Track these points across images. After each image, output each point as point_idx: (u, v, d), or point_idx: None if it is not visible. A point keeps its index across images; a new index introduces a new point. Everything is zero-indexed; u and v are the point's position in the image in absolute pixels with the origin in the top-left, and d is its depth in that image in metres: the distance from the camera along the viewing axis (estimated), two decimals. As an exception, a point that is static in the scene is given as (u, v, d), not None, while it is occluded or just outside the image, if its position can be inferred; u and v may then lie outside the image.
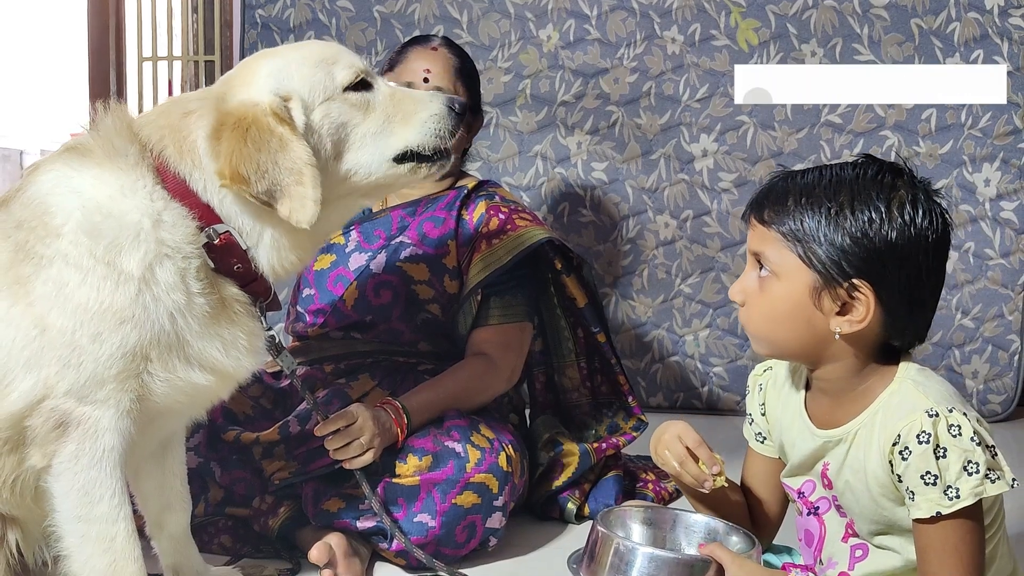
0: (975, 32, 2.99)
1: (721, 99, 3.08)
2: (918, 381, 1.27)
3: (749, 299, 1.32)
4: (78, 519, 1.34)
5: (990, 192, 3.01)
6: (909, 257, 1.24)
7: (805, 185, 1.28)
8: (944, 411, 1.21)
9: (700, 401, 3.13)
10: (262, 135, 1.34)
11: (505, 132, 3.14)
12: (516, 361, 2.04)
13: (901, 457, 1.22)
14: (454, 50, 2.11)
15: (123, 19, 3.59)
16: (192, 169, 1.37)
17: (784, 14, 3.05)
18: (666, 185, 3.11)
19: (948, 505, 1.18)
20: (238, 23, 3.34)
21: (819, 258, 1.25)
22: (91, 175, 1.35)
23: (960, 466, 1.19)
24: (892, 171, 1.28)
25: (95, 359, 1.30)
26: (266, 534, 1.82)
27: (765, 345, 1.34)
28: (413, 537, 1.72)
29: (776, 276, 1.29)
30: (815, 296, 1.27)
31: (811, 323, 1.28)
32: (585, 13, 3.12)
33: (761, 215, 1.31)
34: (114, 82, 3.57)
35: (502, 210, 2.07)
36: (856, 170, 1.28)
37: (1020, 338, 3.02)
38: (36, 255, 1.32)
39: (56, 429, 1.31)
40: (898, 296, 1.25)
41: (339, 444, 1.69)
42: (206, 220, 1.37)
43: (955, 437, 1.19)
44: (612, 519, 1.42)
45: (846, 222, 1.24)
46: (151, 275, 1.32)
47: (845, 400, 1.32)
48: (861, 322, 1.25)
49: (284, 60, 1.44)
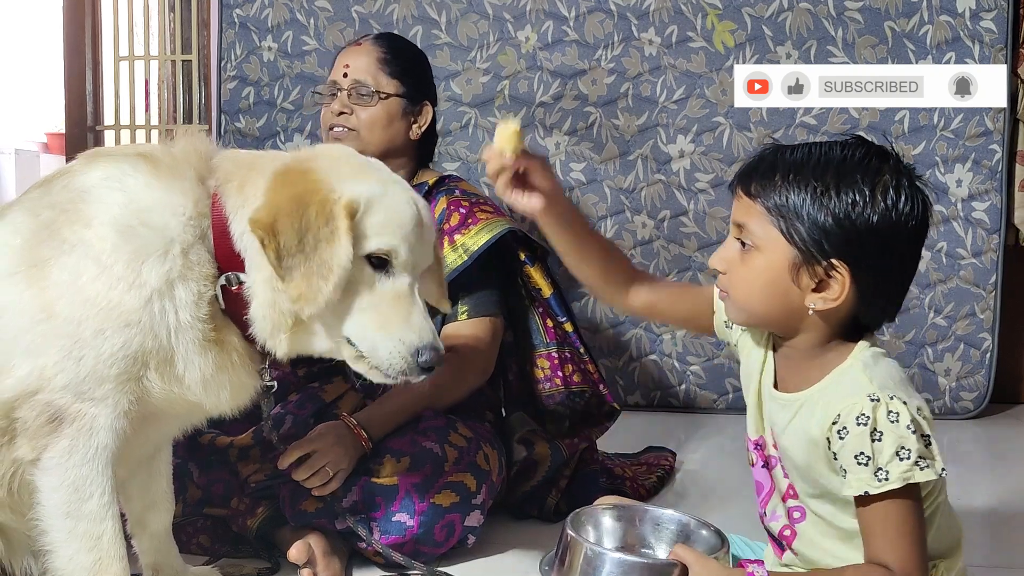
0: (947, 35, 3.03)
1: (698, 100, 3.11)
2: (868, 364, 1.30)
3: (730, 268, 1.35)
4: (66, 515, 1.33)
5: (962, 192, 3.05)
6: (888, 241, 1.26)
7: (793, 161, 1.30)
8: (885, 397, 1.25)
9: (677, 399, 3.16)
10: (320, 217, 1.31)
11: (484, 132, 3.15)
12: (489, 354, 2.04)
13: (839, 436, 1.25)
14: (383, 42, 2.13)
15: (99, 18, 3.57)
16: (239, 208, 1.35)
17: (760, 16, 3.08)
18: (643, 185, 3.14)
19: (876, 486, 1.22)
20: (215, 22, 3.33)
21: (801, 235, 1.27)
22: (144, 181, 1.35)
23: (893, 451, 1.22)
24: (879, 155, 1.30)
25: (96, 355, 1.30)
26: (244, 534, 1.82)
27: (741, 313, 1.37)
28: (392, 536, 1.73)
29: (757, 248, 1.31)
30: (793, 271, 1.29)
31: (787, 297, 1.30)
32: (563, 15, 3.13)
33: (748, 187, 1.32)
34: (90, 81, 3.55)
35: (463, 204, 2.07)
36: (844, 151, 1.29)
37: (992, 336, 3.07)
38: (60, 238, 1.32)
39: (49, 423, 1.31)
40: (873, 278, 1.28)
41: (306, 475, 1.69)
42: (230, 265, 1.36)
43: (893, 423, 1.23)
44: (583, 519, 1.43)
45: (830, 202, 1.26)
46: (169, 290, 1.32)
47: (804, 368, 1.35)
48: (835, 300, 1.28)
49: (382, 189, 1.39)
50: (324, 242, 1.30)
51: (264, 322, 1.36)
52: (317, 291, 1.30)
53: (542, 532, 2.01)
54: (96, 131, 3.57)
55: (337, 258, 1.31)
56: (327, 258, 1.30)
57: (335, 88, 2.08)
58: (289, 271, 1.30)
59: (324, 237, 1.30)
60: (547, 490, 2.09)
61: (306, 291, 1.30)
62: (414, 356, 1.37)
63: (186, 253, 1.34)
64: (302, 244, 1.29)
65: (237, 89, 3.27)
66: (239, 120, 3.28)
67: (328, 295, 1.31)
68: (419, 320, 1.39)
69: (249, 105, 3.27)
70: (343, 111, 2.05)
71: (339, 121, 2.06)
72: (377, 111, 2.06)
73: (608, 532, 1.45)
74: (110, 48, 3.55)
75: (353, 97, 2.06)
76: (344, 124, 2.06)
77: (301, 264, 1.30)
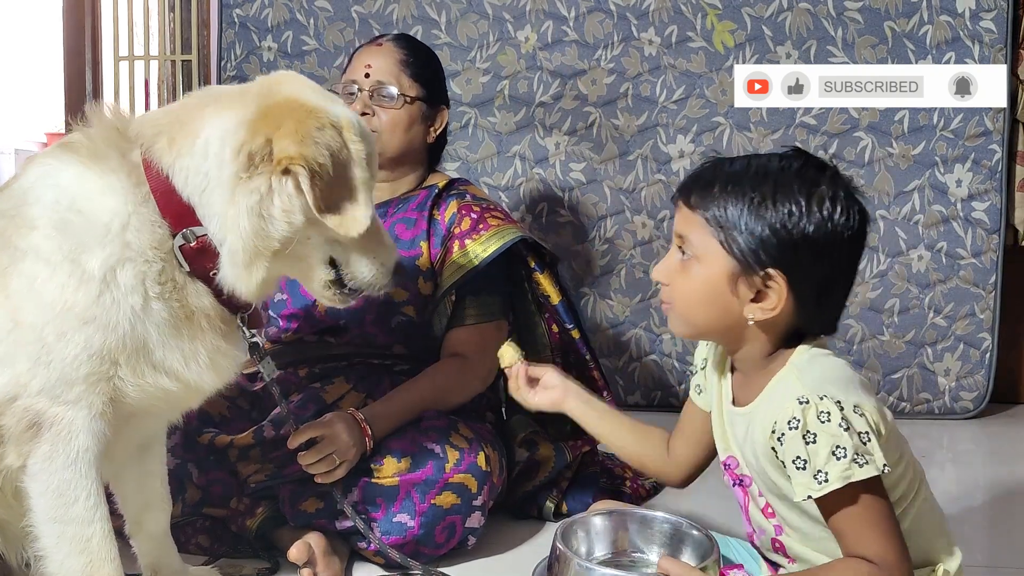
0: (947, 35, 3.03)
1: (698, 100, 3.11)
2: (801, 367, 1.31)
3: (671, 279, 1.36)
4: (54, 520, 1.33)
5: (962, 192, 3.05)
6: (824, 251, 1.28)
7: (732, 173, 1.31)
8: (815, 398, 1.25)
9: (677, 399, 3.15)
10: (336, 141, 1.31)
11: (484, 132, 3.15)
12: (492, 360, 2.04)
13: (779, 442, 1.27)
14: (402, 43, 2.11)
15: (99, 18, 3.57)
16: (176, 160, 1.33)
17: (760, 16, 3.08)
18: (643, 185, 3.14)
19: (818, 489, 1.23)
20: (215, 22, 3.33)
21: (739, 245, 1.29)
22: (74, 171, 1.34)
23: (828, 451, 1.23)
24: (817, 167, 1.31)
25: (62, 358, 1.29)
26: (244, 534, 1.82)
27: (683, 325, 1.38)
28: (393, 537, 1.73)
29: (697, 259, 1.33)
30: (732, 282, 1.31)
31: (727, 308, 1.32)
32: (563, 15, 3.13)
33: (688, 199, 1.34)
34: (90, 82, 3.55)
35: (474, 209, 2.07)
36: (782, 162, 1.31)
37: (992, 336, 3.07)
38: (12, 246, 1.32)
39: (30, 429, 1.31)
40: (810, 288, 1.29)
41: (312, 460, 1.69)
42: (183, 222, 1.34)
43: (824, 423, 1.23)
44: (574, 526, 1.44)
45: (767, 213, 1.27)
46: (112, 277, 1.30)
47: (753, 380, 1.37)
48: (773, 310, 1.29)
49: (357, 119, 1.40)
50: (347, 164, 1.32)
51: (243, 254, 1.32)
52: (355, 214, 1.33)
53: (542, 532, 2.01)
54: (96, 131, 3.57)
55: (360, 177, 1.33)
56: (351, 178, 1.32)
57: (354, 87, 2.05)
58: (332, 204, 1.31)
59: (346, 159, 1.32)
60: (548, 491, 2.09)
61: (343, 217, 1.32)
62: (391, 275, 1.48)
63: (124, 229, 1.31)
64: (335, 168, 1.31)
65: (237, 89, 3.27)
66: (239, 120, 3.27)
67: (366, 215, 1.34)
68: (388, 240, 1.50)
69: (249, 105, 3.26)
70: (365, 112, 2.02)
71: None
72: (400, 114, 2.04)
73: (599, 537, 1.45)
74: (110, 48, 3.55)
75: (375, 98, 2.04)
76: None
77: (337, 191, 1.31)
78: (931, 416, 3.07)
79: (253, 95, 1.36)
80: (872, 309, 3.08)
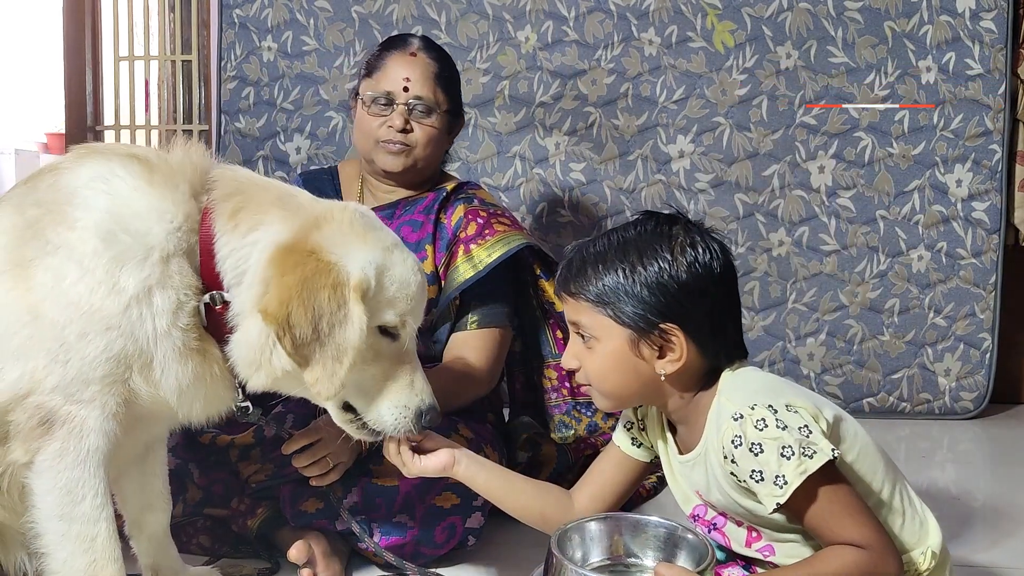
0: (947, 35, 3.03)
1: (698, 100, 3.11)
2: (726, 389, 1.37)
3: (581, 362, 1.42)
4: (59, 517, 1.33)
5: (962, 192, 3.05)
6: (702, 291, 1.36)
7: (598, 253, 1.40)
8: (747, 410, 1.30)
9: (677, 400, 3.16)
10: (332, 302, 1.29)
11: (484, 133, 3.15)
12: (495, 365, 2.05)
13: (734, 464, 1.31)
14: (433, 53, 2.10)
15: (99, 18, 3.57)
16: (228, 233, 1.34)
17: (759, 16, 3.08)
18: (643, 186, 3.14)
19: (781, 494, 1.26)
20: (215, 22, 3.33)
21: (627, 314, 1.36)
22: (133, 184, 1.34)
23: (777, 455, 1.27)
24: (668, 221, 1.41)
25: (81, 358, 1.30)
26: (244, 534, 1.82)
27: (605, 399, 1.44)
28: (393, 538, 1.73)
29: (596, 339, 1.39)
30: (634, 347, 1.37)
31: (638, 371, 1.38)
32: (563, 15, 3.13)
33: (568, 289, 1.42)
34: (90, 82, 3.55)
35: (481, 214, 2.07)
36: (637, 228, 1.40)
37: (992, 336, 3.07)
38: (43, 238, 1.31)
39: (41, 426, 1.31)
40: (702, 327, 1.36)
41: (306, 462, 1.69)
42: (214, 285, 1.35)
43: (762, 431, 1.28)
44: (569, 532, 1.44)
45: (640, 276, 1.36)
46: (146, 296, 1.31)
47: (691, 426, 1.42)
48: (679, 360, 1.36)
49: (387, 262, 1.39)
50: (338, 326, 1.30)
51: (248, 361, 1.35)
52: (333, 374, 1.31)
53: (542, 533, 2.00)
54: (96, 131, 3.57)
55: (351, 340, 1.31)
56: (341, 341, 1.31)
57: (391, 99, 2.04)
58: (307, 360, 1.31)
59: (338, 321, 1.30)
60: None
61: (323, 376, 1.31)
62: (418, 419, 1.42)
63: (166, 261, 1.32)
64: (317, 332, 1.29)
65: (237, 89, 3.27)
66: (239, 120, 3.28)
67: (344, 377, 1.32)
68: (420, 383, 1.44)
69: (249, 105, 3.27)
70: (406, 128, 2.02)
71: (399, 138, 2.02)
72: (435, 130, 2.05)
73: (594, 542, 1.46)
74: (110, 48, 3.55)
75: (414, 114, 2.03)
76: (404, 141, 2.02)
77: (317, 350, 1.30)
78: (931, 416, 3.07)
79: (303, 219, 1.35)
80: (872, 309, 3.08)
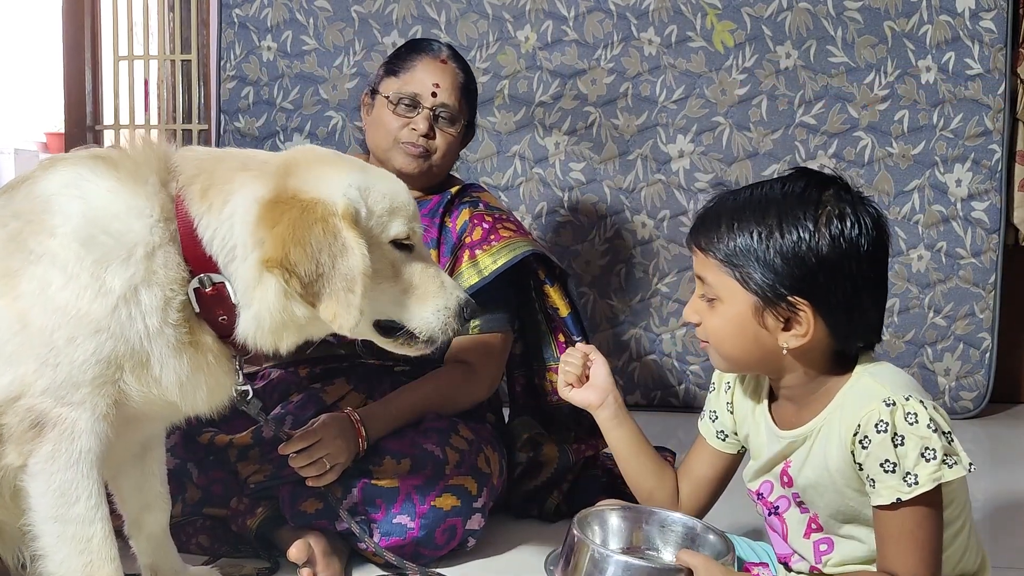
0: (947, 35, 3.03)
1: (697, 100, 3.11)
2: (874, 373, 1.31)
3: (702, 319, 1.37)
4: (54, 519, 1.33)
5: (962, 192, 3.05)
6: (842, 270, 1.26)
7: (736, 208, 1.31)
8: (901, 399, 1.24)
9: (677, 399, 3.15)
10: (327, 235, 1.31)
11: (483, 132, 3.15)
12: (496, 370, 2.04)
13: (861, 446, 1.25)
14: (460, 64, 2.11)
15: (99, 18, 3.57)
16: (205, 214, 1.35)
17: (759, 16, 3.08)
18: (643, 185, 3.14)
19: (908, 491, 1.22)
20: (215, 22, 3.33)
21: (755, 280, 1.28)
22: (106, 187, 1.34)
23: (918, 453, 1.22)
24: (819, 186, 1.30)
25: (70, 361, 1.30)
26: (244, 533, 1.81)
27: (723, 361, 1.38)
28: (393, 539, 1.73)
29: (720, 299, 1.33)
30: (758, 315, 1.30)
31: (759, 340, 1.32)
32: (563, 14, 3.13)
33: (699, 242, 1.35)
34: (90, 81, 3.55)
35: (486, 219, 2.06)
36: (784, 187, 1.30)
37: (991, 336, 3.07)
38: (27, 249, 1.32)
39: (32, 428, 1.31)
40: (837, 307, 1.28)
41: (304, 463, 1.69)
42: (202, 268, 1.35)
43: (912, 424, 1.23)
44: (589, 519, 1.43)
45: (775, 243, 1.27)
46: (133, 295, 1.32)
47: (805, 404, 1.36)
48: (804, 336, 1.29)
49: (367, 180, 1.41)
50: (339, 256, 1.32)
51: (274, 326, 1.36)
52: (348, 304, 1.33)
53: (542, 532, 2.01)
54: (96, 131, 3.57)
55: (356, 267, 1.32)
56: (347, 271, 1.32)
57: (417, 102, 2.03)
58: (318, 296, 1.32)
59: (338, 252, 1.32)
60: (549, 491, 2.09)
61: (339, 308, 1.32)
62: (459, 315, 1.46)
63: (150, 257, 1.33)
64: (320, 267, 1.31)
65: (236, 89, 3.27)
66: (238, 120, 3.28)
67: (360, 304, 1.33)
68: (449, 281, 1.48)
69: (248, 105, 3.27)
70: (429, 134, 2.02)
71: (421, 142, 2.02)
72: (455, 139, 2.07)
73: (614, 532, 1.45)
74: (110, 48, 3.55)
75: (438, 121, 2.03)
76: (425, 146, 2.02)
77: (326, 284, 1.32)
78: (931, 416, 3.07)
79: (272, 173, 1.37)
80: (872, 309, 3.08)
